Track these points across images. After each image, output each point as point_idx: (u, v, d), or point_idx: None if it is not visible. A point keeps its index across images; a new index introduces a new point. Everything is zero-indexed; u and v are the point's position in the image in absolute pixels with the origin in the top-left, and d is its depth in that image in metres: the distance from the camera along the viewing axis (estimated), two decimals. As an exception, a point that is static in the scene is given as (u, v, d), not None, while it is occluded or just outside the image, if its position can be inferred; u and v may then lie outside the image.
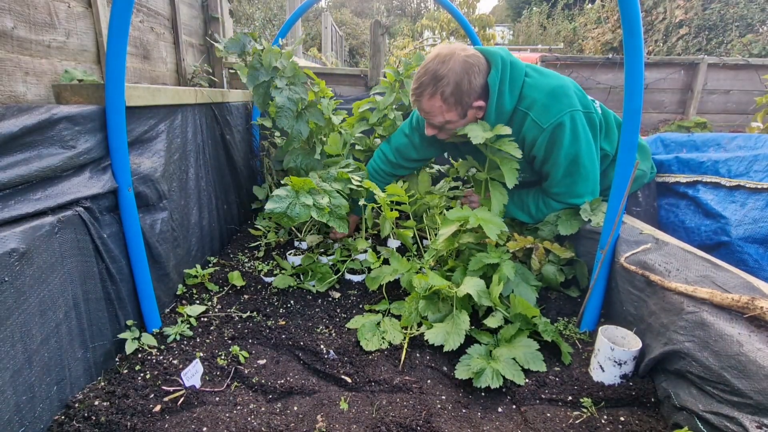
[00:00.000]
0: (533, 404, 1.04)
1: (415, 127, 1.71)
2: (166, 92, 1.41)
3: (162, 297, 1.36)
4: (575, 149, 1.36)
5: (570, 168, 1.39)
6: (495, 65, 1.35)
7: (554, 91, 1.35)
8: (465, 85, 1.32)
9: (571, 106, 1.34)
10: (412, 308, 1.29)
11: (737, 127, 3.28)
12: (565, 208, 1.49)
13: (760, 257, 1.34)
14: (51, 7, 1.35)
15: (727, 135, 1.65)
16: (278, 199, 1.33)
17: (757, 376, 0.77)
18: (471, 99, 1.35)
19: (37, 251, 0.88)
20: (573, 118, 1.34)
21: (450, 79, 1.31)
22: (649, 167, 1.69)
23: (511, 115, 1.40)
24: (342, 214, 1.42)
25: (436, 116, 1.40)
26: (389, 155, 1.78)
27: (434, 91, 1.34)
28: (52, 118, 0.99)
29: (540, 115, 1.35)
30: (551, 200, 1.50)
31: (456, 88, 1.32)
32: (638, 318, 1.14)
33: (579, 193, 1.43)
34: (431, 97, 1.35)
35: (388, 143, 1.80)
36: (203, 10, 2.63)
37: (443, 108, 1.37)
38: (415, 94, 1.40)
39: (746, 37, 7.08)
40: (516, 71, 1.38)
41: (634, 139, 1.09)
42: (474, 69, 1.32)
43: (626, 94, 1.06)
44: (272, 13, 6.67)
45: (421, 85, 1.36)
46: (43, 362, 0.89)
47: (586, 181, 1.41)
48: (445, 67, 1.31)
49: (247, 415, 0.97)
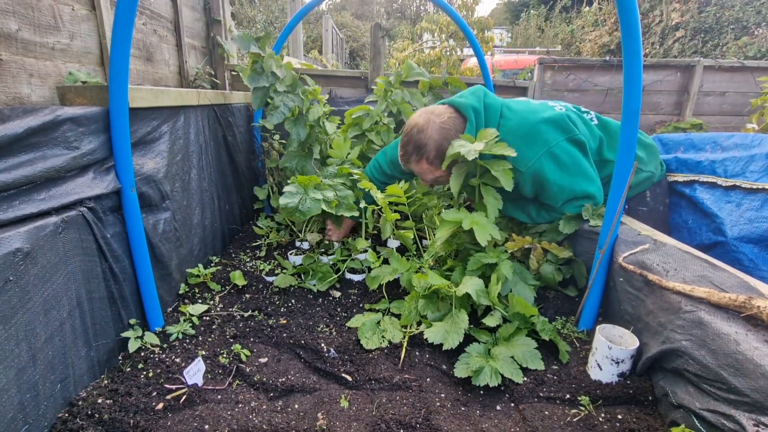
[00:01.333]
0: (531, 402, 1.05)
1: None
2: (168, 94, 1.43)
3: (164, 296, 1.37)
4: (563, 178, 1.41)
5: (565, 194, 1.44)
6: (469, 120, 1.44)
7: (527, 135, 1.41)
8: (445, 147, 1.42)
9: (546, 144, 1.39)
10: (411, 307, 1.30)
11: (732, 129, 3.30)
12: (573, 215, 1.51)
13: (756, 257, 1.35)
14: (55, 9, 1.37)
15: (724, 134, 1.66)
16: (290, 195, 1.39)
17: (753, 374, 0.78)
18: None
19: (42, 251, 0.89)
20: (552, 154, 1.39)
21: (431, 146, 1.44)
22: (657, 167, 1.68)
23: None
24: (350, 203, 1.48)
25: (425, 175, 1.55)
26: (384, 167, 1.81)
27: (419, 158, 1.48)
28: (57, 120, 1.00)
29: (517, 161, 1.39)
30: (554, 212, 1.53)
31: (438, 152, 1.45)
32: (636, 317, 1.15)
33: (584, 203, 1.46)
34: (418, 162, 1.50)
35: (384, 154, 1.82)
36: (205, 12, 2.65)
37: (431, 168, 1.51)
38: (403, 160, 1.55)
39: (741, 40, 7.13)
40: (490, 115, 1.45)
41: (633, 140, 1.10)
42: (450, 132, 1.44)
43: (625, 95, 1.07)
44: (273, 15, 6.71)
45: (407, 153, 1.51)
46: (47, 360, 0.89)
47: (588, 195, 1.44)
48: (425, 136, 1.44)
49: (249, 413, 0.98)
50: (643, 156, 1.61)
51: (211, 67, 2.68)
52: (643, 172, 1.61)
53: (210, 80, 2.56)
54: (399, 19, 22.90)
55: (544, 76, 3.15)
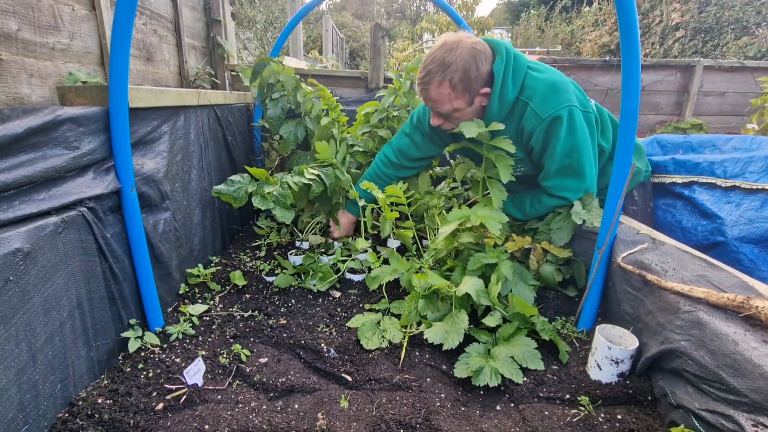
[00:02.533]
0: (531, 402, 1.05)
1: (416, 125, 1.71)
2: (168, 94, 1.43)
3: (165, 296, 1.37)
4: (570, 143, 1.37)
5: (564, 161, 1.39)
6: (500, 54, 1.35)
7: (555, 84, 1.36)
8: (473, 71, 1.31)
9: (569, 101, 1.35)
10: (411, 307, 1.31)
11: (733, 129, 3.30)
12: (557, 206, 1.49)
13: (755, 257, 1.35)
14: (55, 9, 1.37)
15: (722, 136, 1.67)
16: (231, 183, 1.41)
17: (752, 374, 0.78)
18: (478, 86, 1.35)
19: (42, 251, 0.89)
20: (571, 113, 1.35)
21: (458, 66, 1.30)
22: (644, 165, 1.70)
23: (513, 105, 1.41)
24: (286, 203, 1.47)
25: (443, 104, 1.38)
26: (391, 156, 1.79)
27: (443, 79, 1.32)
28: (57, 120, 1.00)
29: (539, 106, 1.35)
30: (544, 195, 1.50)
31: (464, 75, 1.31)
32: (635, 317, 1.15)
33: (571, 187, 1.43)
34: (439, 84, 1.33)
35: (390, 145, 1.81)
36: (205, 12, 2.65)
37: (451, 96, 1.35)
38: (422, 83, 1.37)
39: (741, 40, 7.13)
40: (519, 62, 1.38)
41: (631, 140, 1.10)
42: (481, 56, 1.32)
43: (623, 96, 1.07)
44: (273, 16, 6.70)
45: (429, 73, 1.34)
46: (47, 360, 0.90)
47: (580, 176, 1.41)
48: (453, 54, 1.30)
49: (249, 413, 0.98)
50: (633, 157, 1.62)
51: (211, 67, 2.68)
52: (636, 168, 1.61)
53: (210, 80, 2.56)
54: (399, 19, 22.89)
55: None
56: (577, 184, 1.42)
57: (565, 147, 1.37)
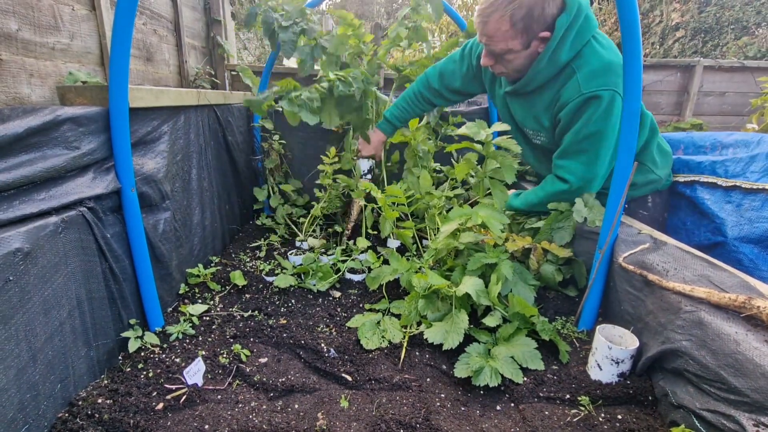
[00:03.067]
0: (531, 402, 1.05)
1: (467, 55, 1.66)
2: (168, 94, 1.43)
3: (164, 296, 1.37)
4: (598, 127, 1.30)
5: (583, 144, 1.33)
6: (569, 9, 1.26)
7: (610, 64, 1.28)
8: (537, 11, 1.24)
9: (617, 86, 1.28)
10: (411, 307, 1.30)
11: (733, 129, 3.30)
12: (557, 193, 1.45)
13: (756, 257, 1.35)
14: (55, 9, 1.37)
15: (724, 133, 1.66)
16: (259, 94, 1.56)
17: (753, 374, 0.78)
18: (538, 27, 1.27)
19: (41, 251, 0.89)
20: (612, 98, 1.28)
21: (523, 2, 1.24)
22: (667, 175, 1.63)
23: (561, 70, 1.34)
24: (313, 107, 1.48)
25: (498, 42, 1.32)
26: (432, 80, 1.74)
27: (504, 14, 1.26)
28: (57, 120, 1.00)
29: (585, 79, 1.28)
30: (549, 177, 1.45)
31: (527, 13, 1.24)
32: (636, 317, 1.15)
33: (577, 172, 1.37)
34: (500, 19, 1.26)
35: (435, 68, 1.76)
36: (205, 12, 2.65)
37: (509, 33, 1.28)
38: (482, 15, 1.30)
39: (741, 40, 7.12)
40: (586, 26, 1.29)
41: (633, 140, 1.10)
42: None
43: (625, 95, 1.07)
44: (272, 15, 6.73)
45: (492, 5, 1.27)
46: (47, 360, 0.89)
47: (591, 165, 1.36)
48: None
49: (249, 413, 0.98)
50: (658, 160, 1.57)
51: (211, 66, 2.69)
52: (653, 173, 1.57)
53: (210, 80, 2.56)
54: (399, 19, 22.82)
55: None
56: (583, 170, 1.37)
57: (591, 129, 1.31)
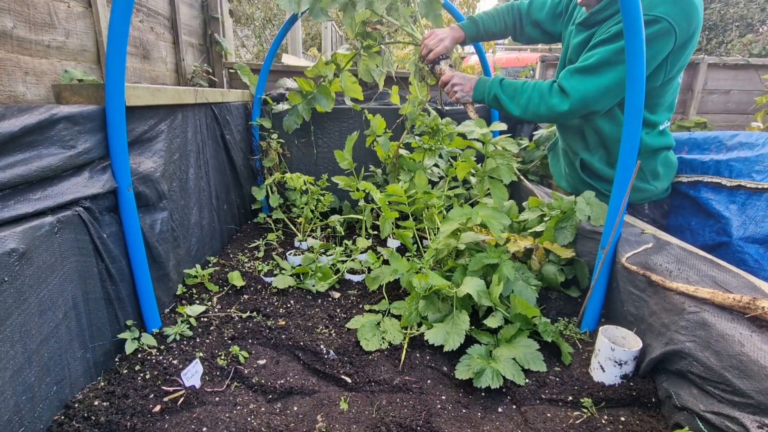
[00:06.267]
0: (533, 404, 1.04)
1: None
2: (166, 92, 1.41)
3: (162, 297, 1.36)
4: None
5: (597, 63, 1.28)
6: None
7: (688, 4, 1.22)
8: None
9: (678, 23, 1.22)
10: (412, 308, 1.29)
11: (737, 127, 3.28)
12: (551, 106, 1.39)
13: (761, 257, 1.34)
14: (51, 7, 1.35)
15: (728, 133, 1.64)
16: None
17: (758, 376, 0.77)
18: None
19: (37, 251, 0.87)
20: (667, 33, 1.21)
21: None
22: (663, 188, 1.61)
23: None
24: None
25: None
26: (523, 5, 1.72)
27: None
28: (52, 118, 0.98)
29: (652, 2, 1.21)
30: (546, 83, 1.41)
31: None
32: (639, 318, 1.14)
33: (576, 86, 1.32)
34: None
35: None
36: (203, 10, 2.63)
37: None
38: None
39: (746, 37, 7.08)
40: None
41: (636, 139, 1.09)
42: None
43: (627, 94, 1.06)
44: (272, 13, 6.67)
45: None
46: (42, 362, 0.88)
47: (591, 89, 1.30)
48: None
49: (247, 415, 0.97)
50: (660, 172, 1.54)
51: (209, 64, 2.67)
52: (648, 184, 1.54)
53: (207, 78, 2.54)
54: (399, 17, 22.75)
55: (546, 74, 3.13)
56: (583, 86, 1.31)
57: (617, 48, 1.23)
